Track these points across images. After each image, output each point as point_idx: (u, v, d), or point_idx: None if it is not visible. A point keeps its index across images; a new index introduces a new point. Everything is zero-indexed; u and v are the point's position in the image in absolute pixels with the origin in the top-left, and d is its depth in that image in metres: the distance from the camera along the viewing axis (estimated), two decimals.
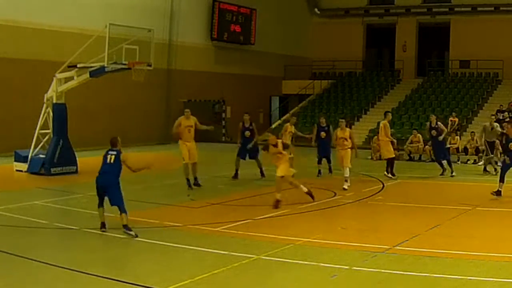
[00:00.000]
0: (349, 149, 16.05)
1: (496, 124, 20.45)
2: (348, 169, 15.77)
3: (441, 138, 18.55)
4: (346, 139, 16.06)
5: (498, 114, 27.80)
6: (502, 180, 14.12)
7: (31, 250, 9.20)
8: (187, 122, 15.93)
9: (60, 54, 20.91)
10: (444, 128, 19.02)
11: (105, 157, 10.63)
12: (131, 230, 10.21)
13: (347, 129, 16.59)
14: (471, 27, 34.49)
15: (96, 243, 10.05)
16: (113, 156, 10.53)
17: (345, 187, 15.48)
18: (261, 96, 35.62)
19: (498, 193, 14.03)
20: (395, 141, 19.05)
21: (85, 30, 22.43)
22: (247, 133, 17.58)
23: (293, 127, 18.54)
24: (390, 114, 19.24)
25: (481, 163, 21.85)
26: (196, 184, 15.91)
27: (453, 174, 18.26)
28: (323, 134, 18.31)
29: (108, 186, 10.38)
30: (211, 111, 33.04)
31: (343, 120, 16.95)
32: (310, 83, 36.48)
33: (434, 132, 18.64)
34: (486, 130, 19.51)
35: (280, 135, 16.08)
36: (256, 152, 17.52)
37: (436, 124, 18.76)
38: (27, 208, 12.80)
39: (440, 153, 18.84)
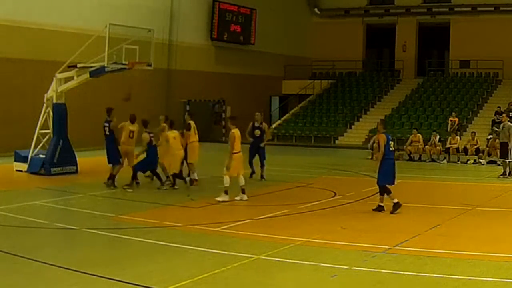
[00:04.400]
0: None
1: None
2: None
3: (262, 144, 16.95)
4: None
5: (497, 115, 27.82)
6: None
7: (31, 250, 9.18)
8: None
9: (60, 54, 20.89)
10: (267, 130, 16.77)
11: None
12: None
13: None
14: (471, 27, 34.50)
15: (96, 243, 10.04)
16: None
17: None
18: (261, 96, 35.60)
19: None
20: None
21: (85, 30, 22.39)
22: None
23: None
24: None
25: (483, 161, 21.84)
26: None
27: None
28: None
29: None
30: (211, 111, 33.04)
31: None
32: (310, 83, 36.48)
33: (257, 132, 17.07)
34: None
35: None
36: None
37: (261, 123, 17.11)
38: (27, 208, 12.78)
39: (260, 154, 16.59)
